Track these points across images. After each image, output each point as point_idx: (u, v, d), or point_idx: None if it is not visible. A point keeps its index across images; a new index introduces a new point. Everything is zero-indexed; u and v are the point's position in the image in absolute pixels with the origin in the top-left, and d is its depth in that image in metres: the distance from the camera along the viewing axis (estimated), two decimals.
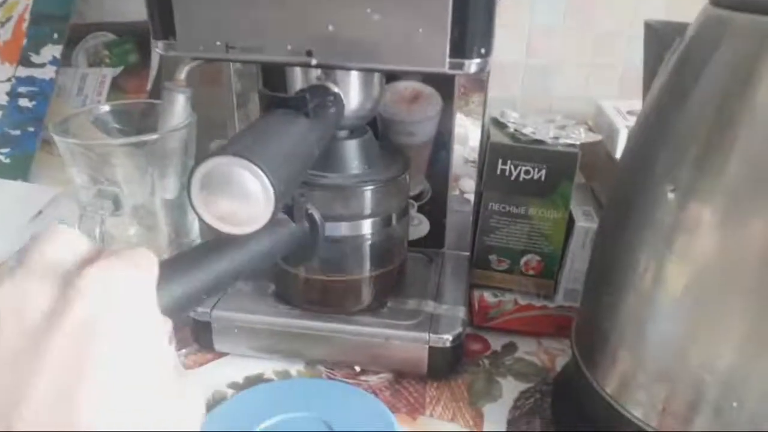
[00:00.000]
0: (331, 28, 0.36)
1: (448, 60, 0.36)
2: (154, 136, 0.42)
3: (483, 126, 0.53)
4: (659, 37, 0.38)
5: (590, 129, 0.63)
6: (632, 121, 0.55)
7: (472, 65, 0.36)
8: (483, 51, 0.36)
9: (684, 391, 0.35)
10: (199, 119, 0.50)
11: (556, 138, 0.54)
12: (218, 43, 0.38)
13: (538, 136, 0.54)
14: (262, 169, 0.26)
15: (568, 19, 0.66)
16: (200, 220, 0.28)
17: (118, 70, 0.66)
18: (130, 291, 0.22)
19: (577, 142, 0.54)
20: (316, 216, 0.37)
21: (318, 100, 0.36)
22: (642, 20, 0.67)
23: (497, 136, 0.55)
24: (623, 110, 0.61)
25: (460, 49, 0.36)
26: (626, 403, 0.37)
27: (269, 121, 0.31)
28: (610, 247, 0.40)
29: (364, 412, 0.40)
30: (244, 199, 0.26)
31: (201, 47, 0.39)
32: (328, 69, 0.39)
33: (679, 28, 0.36)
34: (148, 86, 0.65)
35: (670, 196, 0.33)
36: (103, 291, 0.21)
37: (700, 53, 0.33)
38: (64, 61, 0.63)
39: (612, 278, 0.38)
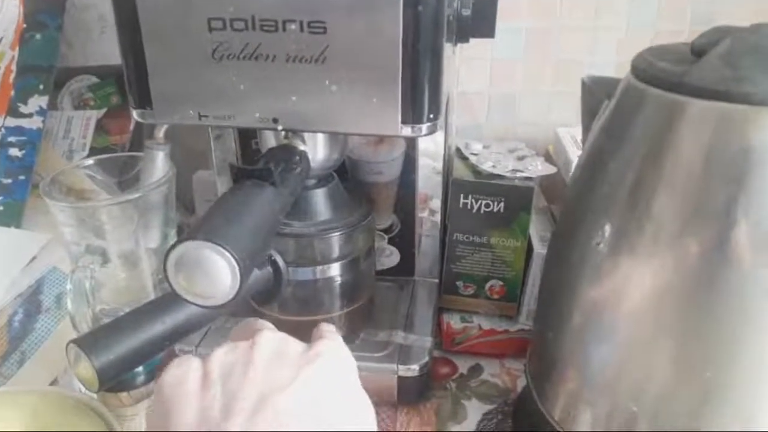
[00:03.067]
0: (294, 98, 0.40)
1: (400, 125, 0.40)
2: (137, 194, 0.46)
3: (444, 161, 0.57)
4: (592, 95, 0.42)
5: (550, 157, 0.68)
6: None
7: (423, 128, 0.40)
8: (432, 116, 0.40)
9: (619, 415, 0.39)
10: (181, 151, 0.53)
11: (515, 171, 0.58)
12: (191, 112, 0.42)
13: (497, 171, 0.58)
14: (228, 251, 0.29)
15: (528, 51, 0.70)
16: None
17: (102, 111, 0.69)
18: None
19: (534, 175, 0.58)
20: (280, 262, 0.40)
21: (284, 165, 0.39)
22: (598, 48, 0.71)
23: (459, 172, 0.59)
24: (578, 139, 0.65)
25: (410, 116, 0.39)
26: (569, 426, 0.41)
27: (236, 195, 0.35)
28: (554, 281, 0.44)
29: None
30: (213, 278, 0.30)
31: (176, 116, 0.42)
32: (294, 132, 0.43)
33: (609, 86, 0.40)
34: (131, 127, 0.68)
35: (599, 246, 0.37)
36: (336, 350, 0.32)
37: (622, 119, 0.37)
38: (50, 105, 0.66)
39: (556, 308, 0.43)
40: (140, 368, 0.42)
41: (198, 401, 0.27)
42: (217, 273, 0.30)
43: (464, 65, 0.71)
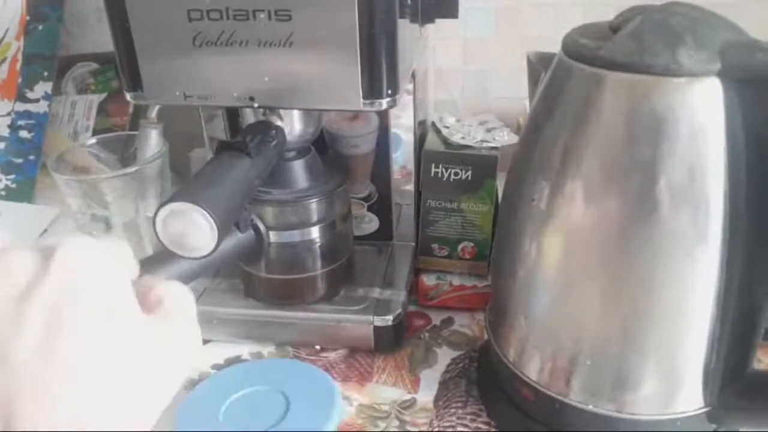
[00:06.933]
0: (266, 79, 0.45)
1: (362, 101, 0.45)
2: (134, 168, 0.51)
3: (415, 135, 0.62)
4: (533, 68, 0.47)
5: (520, 129, 0.72)
6: None
7: (383, 103, 0.45)
8: (390, 92, 0.45)
9: (560, 355, 0.44)
10: (177, 133, 0.59)
11: (482, 141, 0.63)
12: (177, 93, 0.47)
13: (466, 141, 0.63)
14: (206, 210, 0.35)
15: (499, 29, 0.74)
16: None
17: (103, 95, 0.74)
18: (102, 258, 0.24)
19: (499, 145, 0.63)
20: (260, 226, 0.46)
21: (260, 138, 0.44)
22: (563, 27, 0.76)
23: (431, 143, 0.64)
24: None
25: (371, 92, 0.44)
26: (521, 367, 0.47)
27: (216, 165, 0.40)
28: (504, 236, 0.49)
29: (314, 384, 0.50)
30: (194, 233, 0.35)
31: (164, 96, 0.48)
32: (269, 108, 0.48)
33: (547, 61, 0.45)
34: (130, 109, 0.74)
35: (534, 203, 0.42)
36: (78, 258, 0.23)
37: (554, 90, 0.42)
38: (54, 90, 0.71)
39: (506, 261, 0.48)
40: None
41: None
42: (197, 227, 0.35)
43: (439, 43, 0.76)
